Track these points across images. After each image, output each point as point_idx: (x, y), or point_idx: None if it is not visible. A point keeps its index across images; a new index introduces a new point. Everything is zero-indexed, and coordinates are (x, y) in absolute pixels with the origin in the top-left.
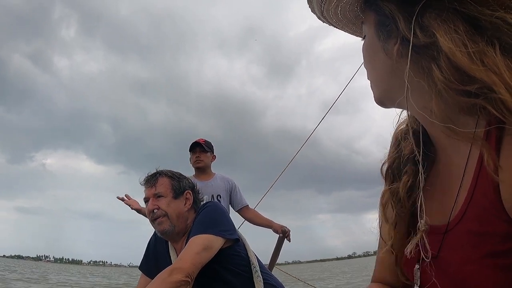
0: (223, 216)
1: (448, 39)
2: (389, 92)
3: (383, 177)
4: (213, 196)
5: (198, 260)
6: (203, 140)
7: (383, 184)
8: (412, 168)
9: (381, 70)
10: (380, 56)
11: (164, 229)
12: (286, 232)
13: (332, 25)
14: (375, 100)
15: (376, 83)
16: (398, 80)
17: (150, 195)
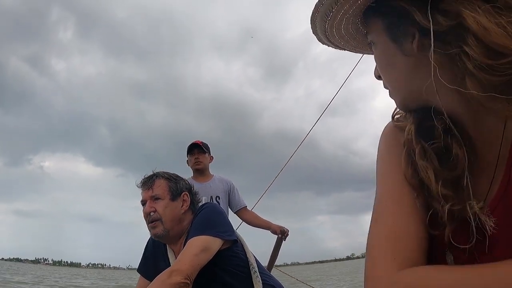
0: (221, 217)
1: (475, 16)
2: (414, 92)
3: (410, 142)
4: (212, 198)
5: (197, 261)
6: (200, 142)
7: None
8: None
9: (402, 72)
10: (398, 58)
11: (157, 233)
12: (284, 232)
13: (335, 44)
14: (399, 106)
15: (398, 87)
16: (422, 76)
17: (147, 198)
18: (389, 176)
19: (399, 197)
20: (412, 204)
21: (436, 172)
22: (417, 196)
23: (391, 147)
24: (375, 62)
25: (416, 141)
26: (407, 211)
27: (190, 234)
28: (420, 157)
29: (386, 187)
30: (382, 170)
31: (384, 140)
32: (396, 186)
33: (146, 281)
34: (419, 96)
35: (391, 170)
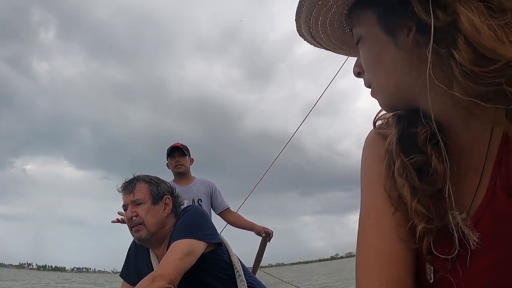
0: (204, 220)
1: (468, 15)
2: (402, 90)
3: (391, 154)
4: (194, 200)
5: (181, 265)
6: (180, 144)
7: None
8: (435, 149)
9: (393, 67)
10: (390, 52)
11: (141, 237)
12: (269, 233)
13: (318, 42)
14: (383, 105)
15: (386, 84)
16: (413, 72)
17: (129, 202)
18: (372, 189)
19: (382, 214)
20: (397, 220)
21: (414, 189)
22: (395, 211)
23: (373, 157)
24: (361, 57)
25: (396, 154)
26: (391, 229)
27: (173, 237)
28: (399, 173)
29: (369, 202)
30: (364, 183)
31: (367, 150)
32: (379, 202)
33: (129, 286)
34: (407, 95)
35: (373, 183)
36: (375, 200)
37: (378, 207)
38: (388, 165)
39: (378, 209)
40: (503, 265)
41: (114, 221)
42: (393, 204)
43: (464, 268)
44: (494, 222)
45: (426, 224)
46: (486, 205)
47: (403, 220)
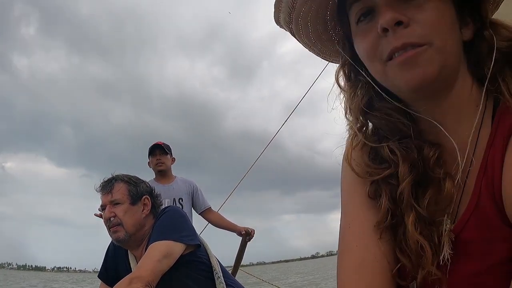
0: (183, 221)
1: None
2: (450, 68)
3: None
4: (175, 200)
5: (158, 267)
6: (162, 143)
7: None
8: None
9: (455, 45)
10: (456, 32)
11: (119, 238)
12: (249, 233)
13: (296, 34)
14: (427, 74)
15: (451, 44)
16: (457, 60)
17: (107, 202)
18: (353, 198)
19: (363, 223)
20: (375, 236)
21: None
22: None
23: (352, 175)
24: (417, 11)
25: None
26: (372, 239)
27: (152, 238)
28: (371, 194)
29: (350, 211)
30: (345, 192)
31: (345, 167)
32: (360, 211)
33: (107, 286)
34: (452, 69)
35: (354, 192)
36: (356, 210)
37: (359, 217)
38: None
39: (360, 218)
40: (488, 270)
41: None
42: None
43: (450, 274)
44: (479, 227)
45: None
46: (472, 211)
47: (385, 233)
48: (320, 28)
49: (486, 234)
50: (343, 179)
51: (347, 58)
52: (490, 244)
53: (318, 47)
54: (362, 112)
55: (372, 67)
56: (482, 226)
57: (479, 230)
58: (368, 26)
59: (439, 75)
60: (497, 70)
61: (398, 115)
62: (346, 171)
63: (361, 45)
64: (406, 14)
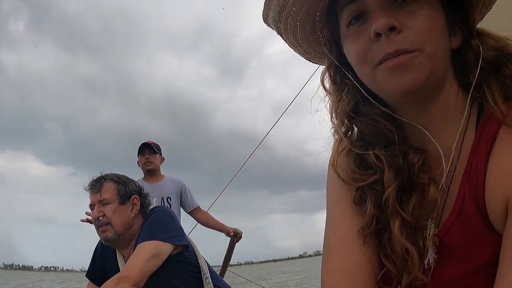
0: (171, 221)
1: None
2: (439, 74)
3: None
4: (163, 199)
5: (146, 267)
6: (152, 142)
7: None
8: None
9: (443, 53)
10: (445, 40)
11: (107, 237)
12: (238, 234)
13: (284, 34)
14: (417, 79)
15: (439, 52)
16: (445, 67)
17: (96, 202)
18: (338, 202)
19: (348, 228)
20: (359, 241)
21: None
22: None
23: (338, 181)
24: (409, 17)
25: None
26: (356, 243)
27: (140, 238)
28: (357, 200)
29: (335, 214)
30: (330, 196)
31: (330, 172)
32: (345, 215)
33: (95, 286)
34: (441, 75)
35: (339, 195)
36: (341, 215)
37: (344, 221)
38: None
39: (344, 223)
40: (472, 273)
41: (83, 220)
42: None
43: (434, 278)
44: (463, 232)
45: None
46: (456, 216)
47: (370, 238)
48: (309, 29)
49: (469, 238)
50: (328, 184)
51: (333, 60)
52: (474, 248)
53: (304, 48)
54: (348, 116)
55: (361, 70)
56: (466, 231)
57: (462, 235)
58: (360, 30)
59: (428, 81)
60: (483, 78)
61: (384, 120)
62: (331, 176)
63: (351, 48)
64: (399, 19)
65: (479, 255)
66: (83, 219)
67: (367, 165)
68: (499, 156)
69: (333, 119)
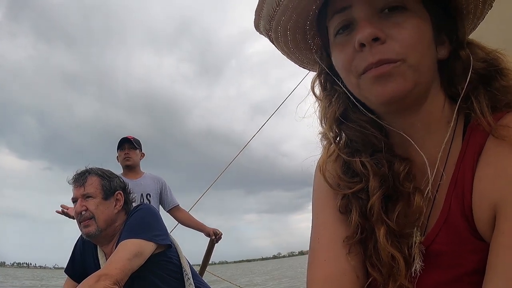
0: (155, 220)
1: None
2: (423, 85)
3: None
4: (142, 195)
5: (128, 266)
6: (132, 137)
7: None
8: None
9: (430, 62)
10: (432, 51)
11: (90, 232)
12: (217, 234)
13: (276, 43)
14: (400, 90)
15: (423, 64)
16: (430, 79)
17: (79, 196)
18: (322, 209)
19: (332, 236)
20: (344, 250)
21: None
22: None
23: (325, 186)
24: (395, 28)
25: (336, 189)
26: (341, 252)
27: (123, 236)
28: (342, 209)
29: (320, 222)
30: (316, 203)
31: (317, 177)
32: (329, 223)
33: (74, 282)
34: (426, 86)
35: (324, 203)
36: (327, 223)
37: (329, 230)
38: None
39: (329, 232)
40: (457, 281)
41: (58, 212)
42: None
43: (419, 285)
44: (449, 240)
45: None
46: (442, 224)
47: (355, 247)
48: (299, 37)
49: (456, 246)
50: (315, 190)
51: (324, 68)
52: (460, 256)
53: (296, 55)
54: (337, 121)
55: (347, 79)
56: (452, 239)
57: (449, 243)
58: (346, 39)
59: (411, 92)
60: (471, 89)
61: (372, 128)
62: (319, 181)
63: (338, 57)
64: (384, 30)
65: (465, 263)
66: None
67: (353, 173)
68: (486, 165)
69: (322, 124)
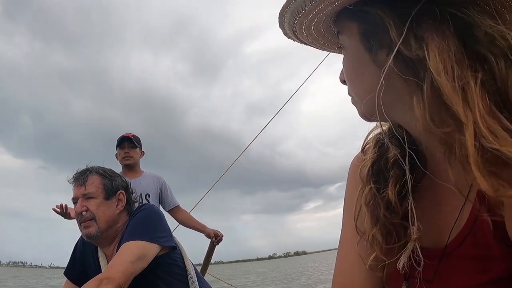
0: (159, 221)
1: (439, 60)
2: (379, 106)
3: (363, 180)
4: (142, 195)
5: (131, 269)
6: (132, 135)
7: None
8: (398, 173)
9: (370, 84)
10: (369, 68)
11: (90, 233)
12: (218, 236)
13: (300, 40)
14: (360, 115)
15: (363, 98)
16: (390, 93)
17: (79, 195)
18: (348, 217)
19: (351, 245)
20: (362, 249)
21: (376, 218)
22: (360, 240)
23: (355, 183)
24: (343, 67)
25: (366, 181)
26: (357, 262)
27: (125, 237)
28: (365, 201)
29: (343, 230)
30: (345, 210)
31: (350, 175)
32: (350, 232)
33: (74, 286)
34: (385, 112)
35: (350, 210)
36: (348, 230)
37: (349, 238)
38: (360, 192)
39: (348, 240)
40: (484, 286)
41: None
42: (358, 233)
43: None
44: (476, 244)
45: (380, 253)
46: (468, 231)
47: (368, 249)
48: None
49: (482, 253)
50: (346, 189)
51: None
52: (486, 262)
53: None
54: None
55: None
56: (478, 245)
57: (475, 248)
58: None
59: (369, 117)
60: None
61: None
62: (350, 180)
63: None
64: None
65: (491, 270)
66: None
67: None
68: None
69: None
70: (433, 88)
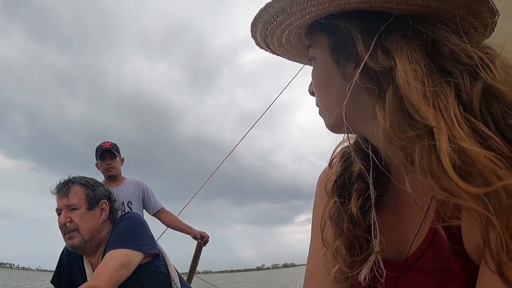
0: (142, 229)
1: (407, 70)
2: (347, 118)
3: (328, 194)
4: (124, 203)
5: (115, 277)
6: (110, 144)
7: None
8: (361, 186)
9: (338, 97)
10: (337, 81)
11: (74, 244)
12: (204, 237)
13: (272, 51)
14: (327, 127)
15: (330, 110)
16: (356, 107)
17: (63, 207)
18: (315, 230)
19: (318, 259)
20: (328, 262)
21: (340, 231)
22: (325, 253)
23: (320, 197)
24: (312, 78)
25: (331, 194)
26: (324, 276)
27: (109, 246)
28: (329, 215)
29: (312, 244)
30: (313, 223)
31: (318, 189)
32: (318, 246)
33: None
34: (350, 123)
35: (316, 224)
36: (316, 243)
37: (317, 251)
38: (325, 206)
39: (316, 253)
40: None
41: None
42: (324, 245)
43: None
44: (433, 261)
45: (344, 265)
46: (428, 244)
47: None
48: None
49: (441, 266)
50: (314, 202)
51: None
52: (445, 275)
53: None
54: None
55: None
56: (438, 258)
57: (435, 262)
58: None
59: (336, 129)
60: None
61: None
62: (317, 193)
63: None
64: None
65: (450, 282)
66: None
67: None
68: None
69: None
70: (395, 97)
